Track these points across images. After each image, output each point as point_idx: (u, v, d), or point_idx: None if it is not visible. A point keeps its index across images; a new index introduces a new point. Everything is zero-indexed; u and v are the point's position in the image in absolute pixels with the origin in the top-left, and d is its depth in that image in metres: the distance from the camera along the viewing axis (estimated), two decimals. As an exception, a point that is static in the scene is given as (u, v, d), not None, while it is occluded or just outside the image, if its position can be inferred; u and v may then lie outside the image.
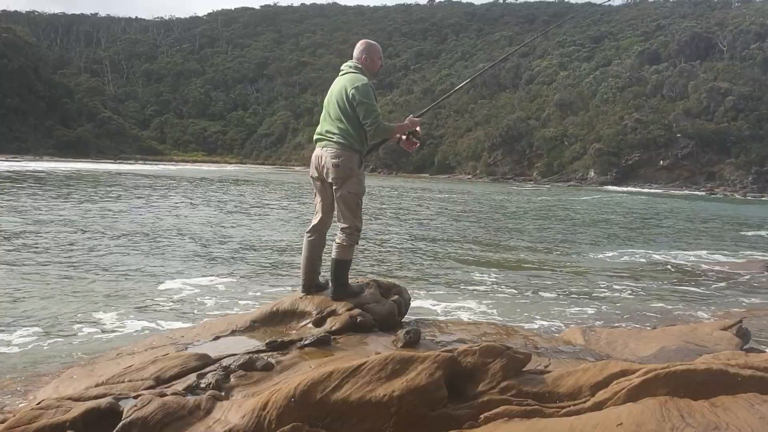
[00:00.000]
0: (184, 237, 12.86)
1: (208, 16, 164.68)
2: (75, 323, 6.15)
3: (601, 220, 22.95)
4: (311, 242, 4.35)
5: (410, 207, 25.55)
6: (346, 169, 4.12)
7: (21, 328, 5.86)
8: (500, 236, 16.09)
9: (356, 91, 4.07)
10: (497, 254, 12.62)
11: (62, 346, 5.43)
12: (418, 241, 14.07)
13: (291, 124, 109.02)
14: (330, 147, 4.14)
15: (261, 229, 15.24)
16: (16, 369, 4.75)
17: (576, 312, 7.61)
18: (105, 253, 10.31)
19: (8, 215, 14.73)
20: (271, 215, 19.04)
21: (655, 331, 5.07)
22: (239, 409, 2.88)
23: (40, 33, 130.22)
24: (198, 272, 9.15)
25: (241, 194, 28.63)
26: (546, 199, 37.77)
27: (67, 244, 11.04)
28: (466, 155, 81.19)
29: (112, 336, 5.78)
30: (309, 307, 4.29)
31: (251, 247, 12.00)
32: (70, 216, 15.32)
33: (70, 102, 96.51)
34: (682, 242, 16.64)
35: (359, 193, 4.20)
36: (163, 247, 11.34)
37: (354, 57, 4.35)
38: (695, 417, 2.70)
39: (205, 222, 15.97)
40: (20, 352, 5.23)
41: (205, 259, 10.33)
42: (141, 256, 10.24)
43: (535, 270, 10.79)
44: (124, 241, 11.82)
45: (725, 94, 66.52)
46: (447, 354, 3.05)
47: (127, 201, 20.89)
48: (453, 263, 11.16)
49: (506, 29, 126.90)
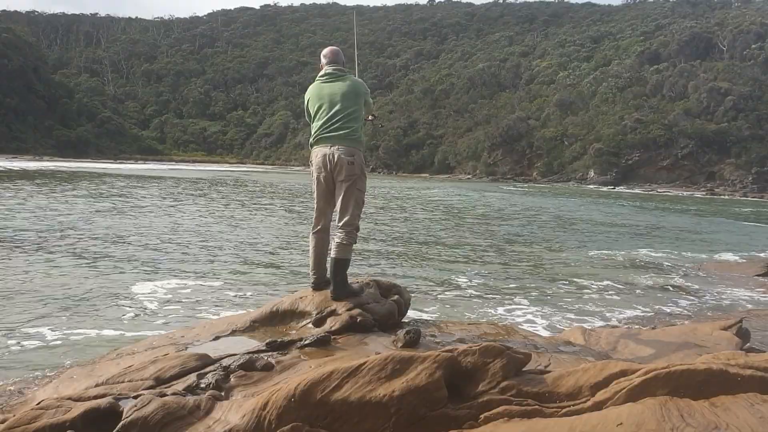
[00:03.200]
0: (183, 237, 12.86)
1: (208, 16, 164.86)
2: (74, 323, 6.15)
3: (601, 221, 22.96)
4: (319, 239, 4.42)
5: (410, 207, 25.57)
6: (359, 166, 4.27)
7: (21, 328, 5.86)
8: (500, 236, 16.09)
9: (368, 95, 4.46)
10: (497, 254, 12.62)
11: (62, 346, 5.43)
12: (417, 241, 14.07)
13: (291, 124, 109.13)
14: (343, 145, 4.25)
15: (261, 229, 15.24)
16: (16, 369, 4.75)
17: (576, 312, 7.61)
18: (104, 253, 10.31)
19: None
20: (273, 216, 19.05)
21: (655, 331, 5.06)
22: (239, 409, 2.88)
23: (40, 33, 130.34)
24: (198, 272, 9.14)
25: (243, 195, 28.63)
26: (551, 200, 37.79)
27: (66, 244, 11.04)
28: (466, 155, 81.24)
29: (111, 336, 5.78)
30: (309, 307, 4.29)
31: (251, 248, 12.00)
32: (69, 216, 15.33)
33: (70, 102, 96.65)
34: (683, 242, 16.64)
35: (365, 191, 4.36)
36: (161, 248, 11.33)
37: (338, 62, 4.48)
38: (695, 417, 2.70)
39: (204, 223, 15.97)
40: (20, 352, 5.23)
41: (205, 260, 10.32)
42: (140, 256, 10.24)
43: (534, 270, 10.79)
44: (123, 240, 11.82)
45: (725, 94, 66.57)
46: (447, 354, 3.05)
47: (118, 200, 20.89)
48: (452, 263, 11.16)
49: (506, 29, 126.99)
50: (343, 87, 4.33)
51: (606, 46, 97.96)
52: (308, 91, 4.53)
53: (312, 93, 4.46)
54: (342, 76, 4.39)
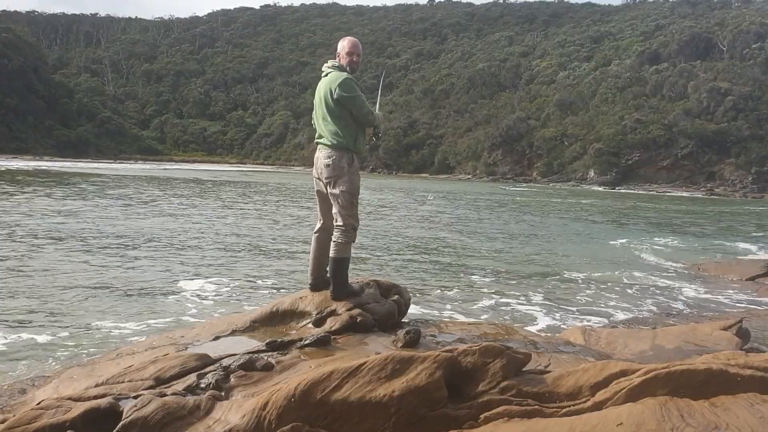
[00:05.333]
0: (182, 238, 12.86)
1: (208, 16, 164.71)
2: (74, 324, 6.15)
3: (601, 221, 22.95)
4: (319, 240, 4.45)
5: (409, 207, 25.56)
6: (336, 168, 4.22)
7: (20, 328, 5.86)
8: (499, 237, 16.09)
9: (339, 89, 4.14)
10: (497, 254, 12.62)
11: (62, 346, 5.42)
12: (417, 242, 14.06)
13: (291, 124, 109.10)
14: (323, 148, 4.28)
15: (260, 230, 15.24)
16: (16, 369, 4.75)
17: (576, 311, 7.61)
18: (102, 254, 10.31)
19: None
20: (276, 218, 19.04)
21: (655, 331, 5.07)
22: (239, 409, 2.88)
23: (40, 33, 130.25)
24: (197, 272, 9.14)
25: (244, 196, 28.63)
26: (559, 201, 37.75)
27: (63, 244, 11.04)
28: (466, 155, 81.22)
29: (111, 336, 5.78)
30: (309, 307, 4.29)
31: (251, 248, 12.00)
32: (69, 217, 15.32)
33: (70, 102, 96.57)
34: (683, 242, 16.64)
35: (352, 192, 4.27)
36: (159, 249, 11.33)
37: (337, 56, 4.39)
38: (695, 417, 2.70)
39: (203, 223, 15.97)
40: (20, 352, 5.22)
41: (204, 260, 10.32)
42: (138, 257, 10.24)
43: (534, 270, 10.79)
44: (122, 240, 11.82)
45: (725, 94, 66.55)
46: (447, 354, 3.05)
47: (117, 201, 20.89)
48: (452, 263, 11.15)
49: (506, 29, 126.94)
50: (323, 87, 4.25)
51: (606, 46, 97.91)
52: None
53: (316, 89, 4.42)
54: (328, 74, 4.28)
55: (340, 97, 4.14)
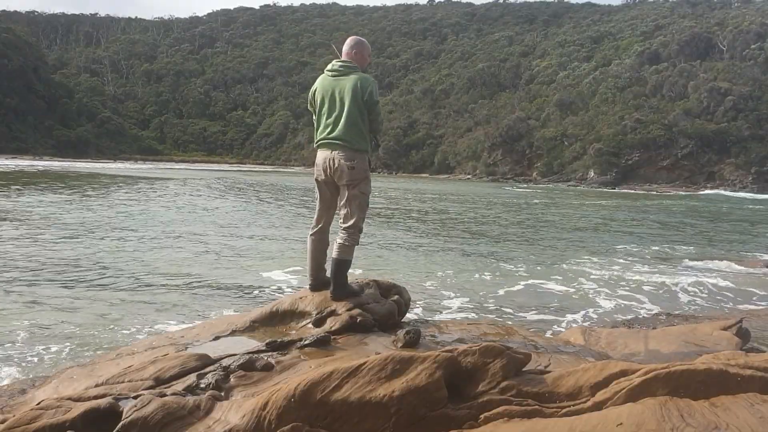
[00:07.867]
0: (181, 238, 12.86)
1: (208, 16, 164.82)
2: (73, 324, 6.15)
3: (601, 222, 22.95)
4: (316, 241, 4.43)
5: (409, 207, 25.56)
6: (361, 171, 4.20)
7: (20, 328, 5.85)
8: (498, 237, 16.09)
9: (373, 94, 4.14)
10: (496, 255, 12.62)
11: (62, 346, 5.42)
12: (416, 242, 14.07)
13: (291, 124, 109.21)
14: (344, 150, 4.16)
15: (260, 230, 15.25)
16: (16, 369, 4.74)
17: (576, 312, 7.61)
18: (101, 254, 10.31)
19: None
20: (272, 217, 19.06)
21: (655, 331, 5.06)
22: (239, 409, 2.88)
23: (40, 33, 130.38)
24: (198, 273, 9.14)
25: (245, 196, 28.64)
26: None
27: (63, 245, 11.04)
28: (466, 155, 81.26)
29: (111, 336, 5.78)
30: (309, 307, 4.29)
31: (250, 248, 12.00)
32: (68, 216, 15.33)
33: (69, 102, 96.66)
34: (683, 242, 16.63)
35: (369, 193, 4.30)
36: (158, 249, 11.33)
37: (344, 53, 4.33)
38: (695, 417, 2.70)
39: (204, 224, 15.97)
40: (20, 351, 5.22)
41: (204, 260, 10.33)
42: (136, 256, 10.24)
43: (534, 269, 10.79)
44: (121, 241, 11.83)
45: (725, 94, 66.58)
46: (447, 354, 3.05)
47: (126, 198, 20.91)
48: (452, 263, 11.15)
49: (506, 29, 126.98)
50: (346, 86, 4.14)
51: (606, 46, 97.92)
52: (316, 81, 4.37)
53: (319, 85, 4.31)
54: (348, 74, 4.19)
55: (370, 101, 4.12)
